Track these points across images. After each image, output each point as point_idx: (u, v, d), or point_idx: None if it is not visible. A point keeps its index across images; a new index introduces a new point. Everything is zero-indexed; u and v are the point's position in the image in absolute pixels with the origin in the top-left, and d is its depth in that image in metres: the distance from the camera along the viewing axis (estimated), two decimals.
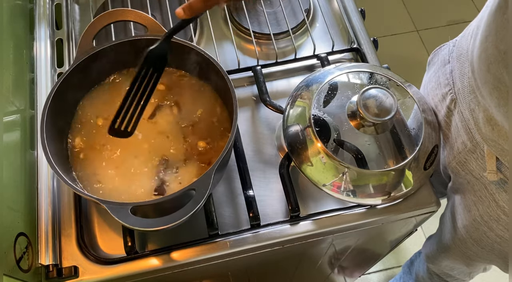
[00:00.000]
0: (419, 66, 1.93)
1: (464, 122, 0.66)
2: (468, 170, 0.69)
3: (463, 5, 2.11)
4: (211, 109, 0.68)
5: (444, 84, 0.71)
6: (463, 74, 0.65)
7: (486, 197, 0.68)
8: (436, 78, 0.75)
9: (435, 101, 0.74)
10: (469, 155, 0.67)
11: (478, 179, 0.68)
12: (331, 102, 0.67)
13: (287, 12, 0.86)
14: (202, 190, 0.53)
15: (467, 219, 0.75)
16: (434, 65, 0.78)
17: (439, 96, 0.73)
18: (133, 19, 0.66)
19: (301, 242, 0.68)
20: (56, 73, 0.78)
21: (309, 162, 0.64)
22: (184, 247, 0.64)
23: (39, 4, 0.84)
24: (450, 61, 0.71)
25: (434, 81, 0.76)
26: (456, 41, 0.73)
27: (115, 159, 0.64)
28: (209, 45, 0.83)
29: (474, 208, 0.72)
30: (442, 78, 0.72)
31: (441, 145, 0.75)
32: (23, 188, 0.64)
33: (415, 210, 0.69)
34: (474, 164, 0.67)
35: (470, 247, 0.80)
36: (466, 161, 0.69)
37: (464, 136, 0.67)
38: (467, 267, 0.94)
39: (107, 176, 0.63)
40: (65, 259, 0.63)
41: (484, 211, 0.70)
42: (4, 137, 0.61)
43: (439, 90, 0.73)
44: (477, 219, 0.72)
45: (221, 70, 0.63)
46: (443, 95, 0.71)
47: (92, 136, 0.66)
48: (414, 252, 1.27)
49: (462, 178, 0.72)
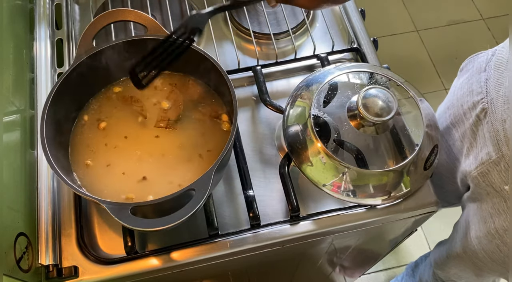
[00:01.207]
0: (419, 66, 1.95)
1: (492, 133, 0.66)
2: (489, 181, 0.68)
3: (463, 5, 2.11)
4: (211, 109, 0.68)
5: (476, 92, 0.70)
6: (500, 84, 0.65)
7: (504, 210, 0.67)
8: (469, 85, 0.74)
9: (464, 108, 0.74)
10: (493, 166, 0.67)
11: (498, 192, 0.67)
12: (331, 102, 0.67)
13: (287, 12, 0.86)
14: (202, 190, 0.53)
15: (482, 230, 0.74)
16: (467, 72, 0.77)
17: (469, 104, 0.72)
18: (133, 19, 0.66)
19: (301, 242, 0.68)
20: (56, 73, 0.78)
21: (309, 162, 0.64)
22: (184, 247, 0.64)
23: (39, 4, 0.84)
24: (487, 70, 0.70)
25: (466, 88, 0.75)
26: (496, 50, 0.71)
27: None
28: (209, 45, 0.83)
29: (490, 220, 0.71)
30: (476, 86, 0.71)
31: (463, 153, 0.75)
32: (23, 188, 0.64)
33: (415, 210, 0.69)
34: (496, 176, 0.67)
35: (481, 259, 0.79)
36: (488, 172, 0.68)
37: (490, 147, 0.66)
38: (476, 277, 0.92)
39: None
40: (65, 259, 0.63)
41: (500, 225, 0.69)
42: (4, 138, 0.61)
43: (470, 98, 0.72)
44: (491, 231, 0.71)
45: (221, 70, 0.62)
46: (474, 103, 0.71)
47: (92, 136, 0.66)
48: (416, 253, 1.27)
49: (482, 189, 0.71)
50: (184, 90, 0.69)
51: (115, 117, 0.67)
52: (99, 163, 0.64)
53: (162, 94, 0.69)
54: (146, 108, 0.68)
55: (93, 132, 0.66)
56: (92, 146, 0.65)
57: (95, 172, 0.63)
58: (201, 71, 0.67)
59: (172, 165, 0.64)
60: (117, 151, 0.65)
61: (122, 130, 0.66)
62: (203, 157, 0.64)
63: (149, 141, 0.66)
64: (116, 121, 0.67)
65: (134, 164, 0.64)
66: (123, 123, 0.67)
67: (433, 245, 1.56)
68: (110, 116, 0.68)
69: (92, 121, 0.67)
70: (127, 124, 0.67)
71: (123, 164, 0.64)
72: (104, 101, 0.69)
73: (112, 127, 0.67)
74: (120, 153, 0.65)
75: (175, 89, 0.69)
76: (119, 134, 0.66)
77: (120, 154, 0.65)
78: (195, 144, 0.65)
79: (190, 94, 0.69)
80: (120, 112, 0.68)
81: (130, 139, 0.66)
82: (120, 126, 0.67)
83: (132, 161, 0.64)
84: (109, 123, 0.67)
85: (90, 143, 0.65)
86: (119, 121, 0.67)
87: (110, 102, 0.69)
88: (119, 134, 0.66)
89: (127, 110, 0.68)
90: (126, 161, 0.64)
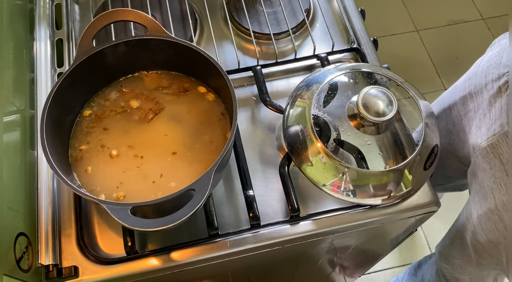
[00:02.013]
0: (419, 66, 1.95)
1: (510, 106, 0.67)
2: (498, 152, 0.70)
3: (463, 5, 2.11)
4: (211, 109, 0.68)
5: (504, 65, 0.72)
6: None
7: (505, 184, 0.69)
8: (499, 58, 0.75)
9: (487, 79, 0.75)
10: (503, 137, 0.68)
11: (504, 164, 0.69)
12: (331, 102, 0.67)
13: (287, 12, 0.86)
14: (202, 190, 0.52)
15: (482, 208, 0.75)
16: (499, 46, 0.79)
17: (494, 75, 0.74)
18: (133, 19, 0.66)
19: (301, 242, 0.68)
20: (56, 73, 0.78)
21: (309, 162, 0.64)
22: (184, 247, 0.64)
23: (39, 4, 0.84)
24: None
25: (494, 60, 0.76)
26: None
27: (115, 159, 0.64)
28: (209, 45, 0.83)
29: (491, 195, 0.72)
30: (505, 59, 0.73)
31: (475, 124, 0.76)
32: (23, 188, 0.64)
33: (415, 210, 0.69)
34: (505, 148, 0.68)
35: (481, 241, 0.79)
36: (498, 143, 0.70)
37: (505, 119, 0.68)
38: (479, 271, 0.92)
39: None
40: (65, 259, 0.63)
41: (499, 200, 0.70)
42: (4, 138, 0.61)
43: (496, 70, 0.74)
44: (491, 207, 0.72)
45: (221, 70, 0.62)
46: (499, 75, 0.73)
47: (93, 137, 0.66)
48: (416, 253, 1.27)
49: (487, 162, 0.73)
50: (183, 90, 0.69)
51: (115, 117, 0.67)
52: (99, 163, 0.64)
53: (161, 94, 0.69)
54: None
55: (94, 132, 0.66)
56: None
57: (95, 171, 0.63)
58: (201, 71, 0.68)
59: (173, 165, 0.64)
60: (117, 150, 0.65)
61: (123, 130, 0.66)
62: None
63: (149, 139, 0.66)
64: (117, 120, 0.67)
65: (134, 163, 0.64)
66: (123, 123, 0.67)
67: (433, 245, 1.56)
68: (110, 116, 0.67)
69: (92, 121, 0.67)
70: (127, 123, 0.67)
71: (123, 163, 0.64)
72: (104, 101, 0.69)
73: (112, 126, 0.67)
74: (120, 153, 0.65)
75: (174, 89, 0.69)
76: (119, 133, 0.66)
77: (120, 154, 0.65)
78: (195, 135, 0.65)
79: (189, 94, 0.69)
80: (120, 113, 0.68)
81: (130, 139, 0.66)
82: (120, 125, 0.67)
83: (132, 160, 0.64)
84: (110, 122, 0.67)
85: (91, 142, 0.65)
86: (119, 121, 0.67)
87: (110, 102, 0.69)
88: (119, 133, 0.66)
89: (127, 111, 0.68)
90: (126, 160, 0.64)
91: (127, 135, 0.66)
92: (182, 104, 0.68)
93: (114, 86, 0.70)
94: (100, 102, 0.69)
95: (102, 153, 0.65)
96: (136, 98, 0.69)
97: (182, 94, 0.69)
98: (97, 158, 0.64)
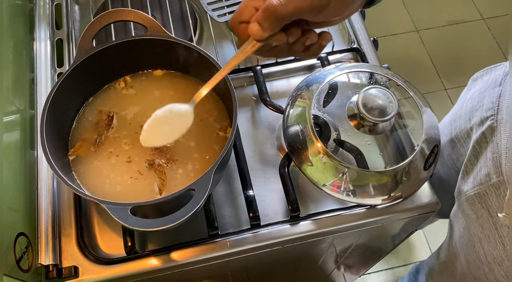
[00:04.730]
0: (419, 66, 1.95)
1: (496, 154, 0.62)
2: (486, 204, 0.65)
3: (463, 5, 2.11)
4: (211, 109, 0.68)
5: (487, 108, 0.66)
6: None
7: (494, 238, 0.64)
8: (480, 98, 0.69)
9: (470, 123, 0.70)
10: (492, 189, 0.63)
11: (493, 217, 0.64)
12: (331, 102, 0.67)
13: None
14: (202, 190, 0.52)
15: (471, 255, 0.72)
16: (481, 83, 0.72)
17: (476, 119, 0.68)
18: (133, 19, 0.66)
19: (301, 242, 0.68)
20: (56, 73, 0.78)
21: (309, 162, 0.64)
22: (184, 247, 0.64)
23: (39, 4, 0.84)
24: (502, 84, 0.65)
25: (476, 101, 0.70)
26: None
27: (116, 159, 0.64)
28: (209, 45, 0.83)
29: (479, 245, 0.68)
30: (487, 100, 0.67)
31: (462, 170, 0.71)
32: (23, 188, 0.64)
33: (415, 210, 0.69)
34: (494, 200, 0.63)
35: (468, 280, 0.77)
36: (486, 194, 0.64)
37: (492, 169, 0.62)
38: None
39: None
40: (65, 259, 0.63)
41: (489, 252, 0.66)
42: (4, 138, 0.61)
43: (479, 113, 0.68)
44: (480, 257, 0.69)
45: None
46: (481, 120, 0.66)
47: (93, 137, 0.66)
48: (416, 253, 1.27)
49: (474, 211, 0.68)
50: (183, 90, 0.69)
51: (115, 117, 0.67)
52: (99, 162, 0.64)
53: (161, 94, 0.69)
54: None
55: (94, 131, 0.66)
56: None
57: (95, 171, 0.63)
58: (201, 71, 0.67)
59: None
60: (117, 149, 0.65)
61: (123, 129, 0.66)
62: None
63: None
64: (117, 120, 0.67)
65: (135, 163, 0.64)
66: (123, 122, 0.67)
67: (433, 245, 1.56)
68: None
69: (92, 121, 0.67)
70: (127, 123, 0.67)
71: (123, 163, 0.64)
72: (104, 101, 0.69)
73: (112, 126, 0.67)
74: (120, 152, 0.65)
75: (174, 89, 0.69)
76: (119, 133, 0.66)
77: (120, 154, 0.64)
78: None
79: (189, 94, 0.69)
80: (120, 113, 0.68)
81: (130, 139, 0.66)
82: (120, 125, 0.67)
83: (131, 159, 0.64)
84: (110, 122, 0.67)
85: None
86: (119, 120, 0.67)
87: (110, 102, 0.69)
88: (119, 133, 0.66)
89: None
90: (126, 160, 0.64)
91: (127, 133, 0.66)
92: None
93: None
94: (100, 102, 0.69)
95: (103, 153, 0.64)
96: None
97: (182, 94, 0.69)
98: (97, 158, 0.64)
